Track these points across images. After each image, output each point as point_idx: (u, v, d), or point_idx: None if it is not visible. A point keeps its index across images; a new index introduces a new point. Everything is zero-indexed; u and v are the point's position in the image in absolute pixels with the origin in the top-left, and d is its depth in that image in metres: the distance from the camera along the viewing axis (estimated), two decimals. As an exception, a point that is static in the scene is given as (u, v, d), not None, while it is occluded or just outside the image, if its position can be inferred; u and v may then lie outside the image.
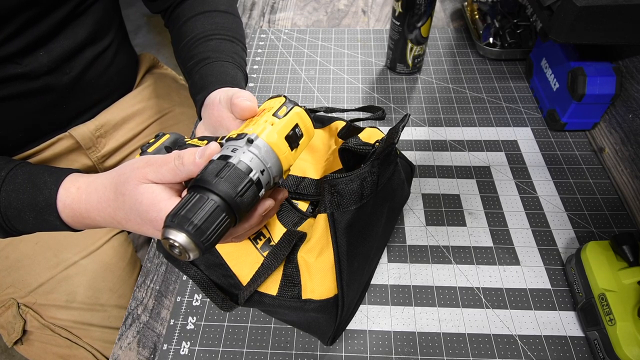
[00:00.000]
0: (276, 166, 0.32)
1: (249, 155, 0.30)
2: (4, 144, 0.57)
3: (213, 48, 0.52)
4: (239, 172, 0.29)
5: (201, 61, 0.51)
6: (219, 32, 0.54)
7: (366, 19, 0.86)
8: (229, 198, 0.28)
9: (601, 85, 0.54)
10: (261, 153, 0.31)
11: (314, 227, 0.37)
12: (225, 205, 0.28)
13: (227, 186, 0.28)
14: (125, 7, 2.64)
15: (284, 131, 0.33)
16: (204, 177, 0.29)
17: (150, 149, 0.39)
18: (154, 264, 0.51)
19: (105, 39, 0.64)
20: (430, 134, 0.63)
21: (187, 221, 0.26)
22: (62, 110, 0.61)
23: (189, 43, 0.54)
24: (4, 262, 0.58)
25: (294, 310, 0.37)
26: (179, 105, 0.78)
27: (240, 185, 0.29)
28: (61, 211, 0.38)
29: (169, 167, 0.32)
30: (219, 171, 0.29)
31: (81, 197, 0.37)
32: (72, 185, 0.38)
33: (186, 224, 0.26)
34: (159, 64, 0.83)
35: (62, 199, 0.38)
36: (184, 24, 0.56)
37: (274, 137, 0.32)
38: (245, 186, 0.29)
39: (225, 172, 0.29)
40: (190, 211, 0.27)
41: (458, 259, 0.49)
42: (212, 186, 0.28)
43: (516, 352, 0.42)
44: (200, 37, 0.53)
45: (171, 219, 0.27)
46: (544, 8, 0.53)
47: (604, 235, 0.50)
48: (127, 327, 0.46)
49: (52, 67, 0.56)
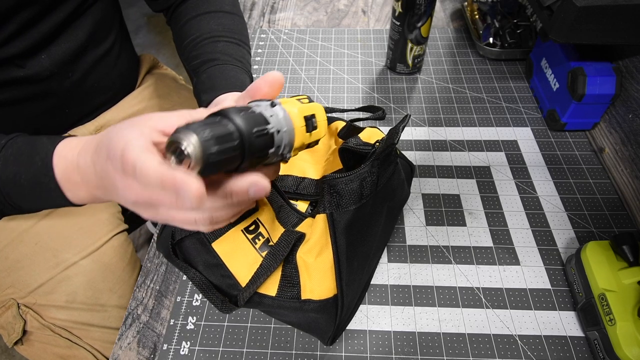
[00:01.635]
0: (289, 135, 0.32)
1: (270, 111, 0.31)
2: None
3: (221, 50, 0.52)
4: (258, 117, 0.30)
5: (209, 61, 0.51)
6: (225, 34, 0.54)
7: (366, 19, 0.86)
8: (245, 132, 0.28)
9: (601, 85, 0.54)
10: (280, 116, 0.32)
11: (313, 227, 0.37)
12: (239, 137, 0.28)
13: (245, 122, 0.29)
14: (125, 7, 2.64)
15: (303, 111, 0.34)
16: (226, 110, 0.29)
17: None
18: (154, 264, 0.51)
19: (107, 40, 0.64)
20: (430, 134, 0.63)
21: (202, 130, 0.26)
22: (64, 115, 0.62)
23: (195, 41, 0.54)
24: (4, 263, 0.58)
25: (293, 310, 0.37)
26: (179, 106, 0.78)
27: (257, 127, 0.29)
28: (56, 164, 0.36)
29: (179, 113, 0.30)
30: (240, 110, 0.29)
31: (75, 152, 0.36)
32: (67, 144, 0.37)
33: (200, 131, 0.26)
34: (159, 64, 0.83)
35: (59, 150, 0.36)
36: (188, 22, 0.56)
37: (294, 109, 0.33)
38: (261, 131, 0.30)
39: (245, 113, 0.29)
40: (206, 125, 0.27)
41: (458, 259, 0.49)
42: (231, 116, 0.28)
43: (516, 352, 0.42)
44: (207, 37, 0.53)
45: (186, 126, 0.27)
46: (544, 8, 0.53)
47: (604, 235, 0.50)
48: (127, 327, 0.46)
49: (54, 70, 0.56)
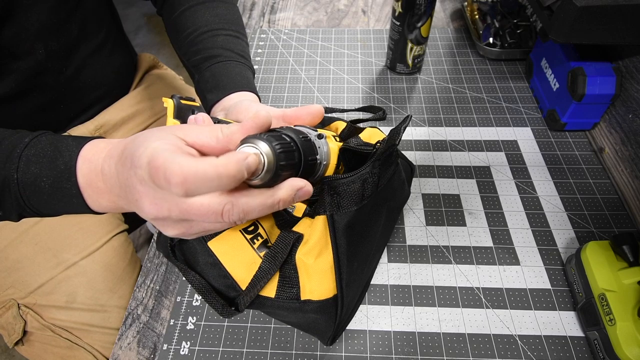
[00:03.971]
0: (325, 168, 0.36)
1: (318, 142, 0.34)
2: None
3: (221, 45, 0.52)
4: (312, 146, 0.33)
5: (211, 58, 0.50)
6: (223, 26, 0.54)
7: (366, 19, 0.86)
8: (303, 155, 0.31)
9: (601, 85, 0.54)
10: (325, 150, 0.35)
11: (313, 228, 0.37)
12: (300, 158, 0.31)
13: (304, 147, 0.32)
14: (125, 7, 2.63)
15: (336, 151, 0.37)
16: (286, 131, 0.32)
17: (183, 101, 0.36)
18: (154, 264, 0.51)
19: (98, 36, 0.63)
20: (430, 134, 0.63)
21: (273, 140, 0.29)
22: (61, 110, 0.61)
23: (193, 35, 0.53)
24: (4, 263, 0.58)
25: (293, 311, 0.37)
26: (179, 106, 0.77)
27: (311, 155, 0.33)
28: (79, 168, 0.34)
29: (211, 128, 0.28)
30: (299, 134, 0.32)
31: (105, 148, 0.33)
32: (101, 141, 0.35)
33: (272, 141, 0.29)
34: (158, 64, 0.83)
35: (84, 153, 0.34)
36: (182, 13, 0.55)
37: (335, 144, 0.36)
38: (314, 158, 0.33)
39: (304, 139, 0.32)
40: (275, 138, 0.29)
41: (458, 259, 0.49)
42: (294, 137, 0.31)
43: (516, 352, 0.42)
44: (206, 31, 0.53)
45: (254, 136, 0.29)
46: (544, 8, 0.53)
47: (604, 235, 0.50)
48: (127, 327, 0.46)
49: (48, 65, 0.56)
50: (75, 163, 0.34)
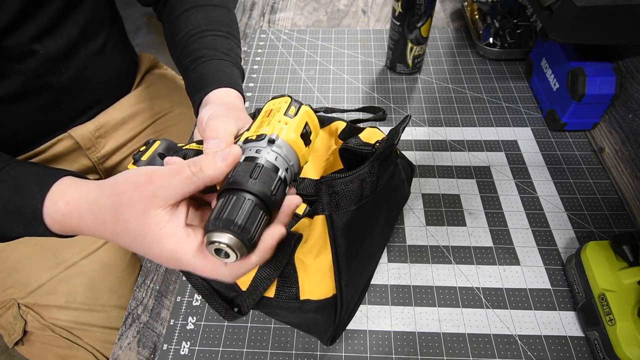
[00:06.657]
0: (297, 164, 0.33)
1: (273, 154, 0.31)
2: (6, 146, 0.57)
3: (208, 45, 0.52)
4: (269, 172, 0.30)
5: (197, 59, 0.50)
6: (212, 27, 0.53)
7: (366, 19, 0.86)
8: (266, 197, 0.29)
9: (601, 85, 0.54)
10: (283, 152, 0.32)
11: (312, 228, 0.37)
12: (263, 204, 0.29)
13: (262, 186, 0.29)
14: (125, 7, 2.63)
15: (299, 129, 0.34)
16: (238, 179, 0.29)
17: (144, 157, 0.37)
18: (154, 264, 0.51)
19: (99, 37, 0.63)
20: (430, 134, 0.63)
21: (230, 222, 0.27)
22: (62, 111, 0.61)
23: (183, 39, 0.53)
24: (4, 263, 0.58)
25: (292, 311, 0.37)
26: (178, 106, 0.78)
27: (272, 185, 0.30)
28: (50, 226, 0.35)
29: (182, 176, 0.29)
30: (251, 172, 0.30)
31: (72, 214, 0.34)
32: (59, 199, 0.34)
33: (230, 225, 0.27)
34: (159, 64, 0.83)
35: (50, 213, 0.34)
36: (177, 17, 0.55)
37: (292, 135, 0.33)
38: (276, 185, 0.30)
39: (257, 173, 0.30)
40: (231, 213, 0.27)
41: (458, 259, 0.49)
42: (248, 187, 0.29)
43: (516, 352, 0.42)
44: (195, 33, 0.53)
45: (213, 222, 0.27)
46: (544, 8, 0.53)
47: (604, 235, 0.50)
48: (127, 327, 0.46)
49: (49, 66, 0.56)
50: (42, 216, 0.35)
